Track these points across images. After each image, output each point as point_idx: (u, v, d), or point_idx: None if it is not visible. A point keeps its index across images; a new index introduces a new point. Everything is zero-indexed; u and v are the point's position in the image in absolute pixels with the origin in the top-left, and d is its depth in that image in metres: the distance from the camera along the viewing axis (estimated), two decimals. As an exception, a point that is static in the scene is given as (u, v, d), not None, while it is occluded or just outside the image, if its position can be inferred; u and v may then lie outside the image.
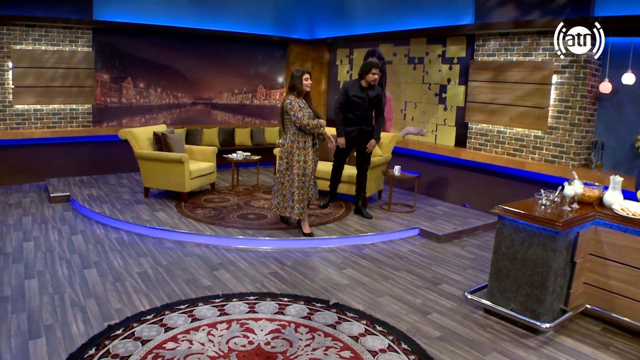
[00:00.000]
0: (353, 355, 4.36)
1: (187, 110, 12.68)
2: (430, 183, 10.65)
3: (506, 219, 5.12)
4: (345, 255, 7.04)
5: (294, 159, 7.19)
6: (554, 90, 8.60)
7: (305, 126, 7.00)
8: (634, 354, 4.74)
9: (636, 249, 4.97)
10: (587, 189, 5.53)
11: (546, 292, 4.89)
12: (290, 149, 7.19)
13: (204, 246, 7.11)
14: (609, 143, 8.41)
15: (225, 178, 11.22)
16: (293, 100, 7.05)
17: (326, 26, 13.72)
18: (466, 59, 10.16)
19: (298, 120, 6.97)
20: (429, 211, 9.29)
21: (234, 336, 4.60)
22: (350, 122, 8.40)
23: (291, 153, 7.20)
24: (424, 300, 5.67)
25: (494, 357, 4.55)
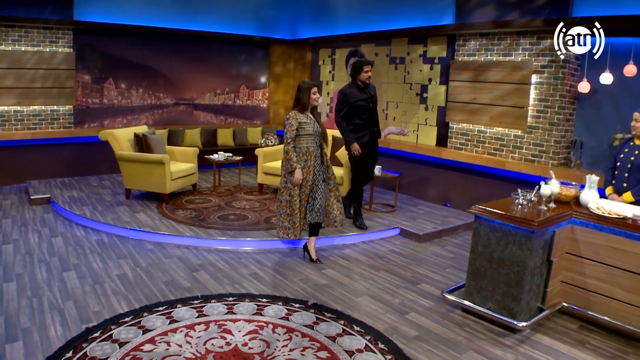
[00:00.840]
0: (330, 356, 4.38)
1: (169, 111, 12.65)
2: (412, 182, 10.69)
3: (483, 218, 5.16)
4: (325, 255, 7.05)
5: (282, 180, 6.78)
6: (534, 90, 8.66)
7: (284, 153, 6.53)
8: (609, 351, 4.80)
9: (611, 248, 5.03)
10: (563, 188, 5.57)
11: (522, 291, 4.94)
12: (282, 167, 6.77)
13: (184, 247, 7.10)
14: (588, 142, 8.48)
15: (207, 179, 11.20)
16: (292, 116, 6.51)
17: (308, 26, 13.73)
18: (447, 59, 10.20)
19: (285, 141, 6.50)
20: (410, 211, 9.33)
21: (211, 337, 4.61)
22: (360, 128, 7.95)
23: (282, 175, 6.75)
24: (402, 300, 5.70)
25: (470, 356, 4.58)
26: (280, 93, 14.39)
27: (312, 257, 6.79)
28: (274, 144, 11.64)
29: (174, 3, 12.03)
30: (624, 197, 5.76)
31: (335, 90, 13.05)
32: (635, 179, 5.73)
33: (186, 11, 12.19)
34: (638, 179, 5.71)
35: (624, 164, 5.82)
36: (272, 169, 9.71)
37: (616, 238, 4.99)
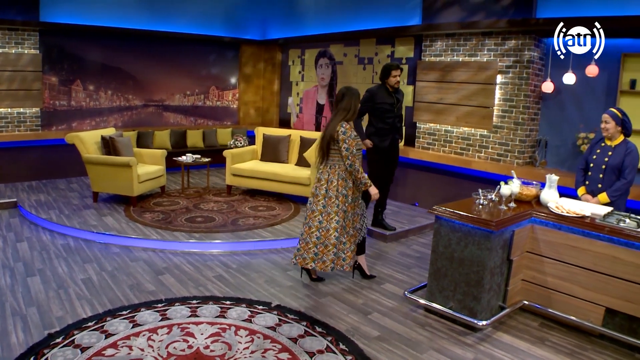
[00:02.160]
0: (291, 357, 4.41)
1: (138, 113, 12.59)
2: (380, 182, 10.74)
3: (443, 219, 5.22)
4: (291, 256, 7.03)
5: (334, 203, 5.88)
6: (499, 90, 8.76)
7: (355, 171, 5.75)
8: (569, 348, 4.89)
9: (570, 246, 5.11)
10: (524, 187, 5.66)
11: (483, 290, 5.00)
12: (331, 188, 5.88)
13: (150, 251, 7.08)
14: (553, 141, 8.60)
15: (176, 180, 11.18)
16: (349, 128, 5.74)
17: (278, 27, 13.74)
18: (414, 59, 10.28)
19: (350, 158, 5.70)
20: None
21: (174, 341, 4.61)
22: (383, 132, 7.55)
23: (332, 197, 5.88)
24: (365, 300, 5.74)
25: (431, 355, 4.64)
26: (250, 94, 14.37)
27: (368, 273, 6.37)
28: (244, 145, 11.65)
29: (142, 4, 11.97)
30: (599, 198, 5.82)
31: (306, 90, 13.10)
32: (610, 180, 5.80)
33: (155, 12, 12.15)
34: (613, 180, 5.79)
35: (598, 165, 5.88)
36: (240, 170, 9.72)
37: (574, 237, 5.08)
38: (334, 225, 5.83)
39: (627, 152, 5.68)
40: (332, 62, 12.28)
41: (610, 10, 7.48)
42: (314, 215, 5.94)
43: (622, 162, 5.68)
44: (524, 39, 8.42)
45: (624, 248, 4.78)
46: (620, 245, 4.81)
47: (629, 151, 5.68)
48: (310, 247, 5.96)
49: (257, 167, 9.73)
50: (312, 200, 6.01)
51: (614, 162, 5.72)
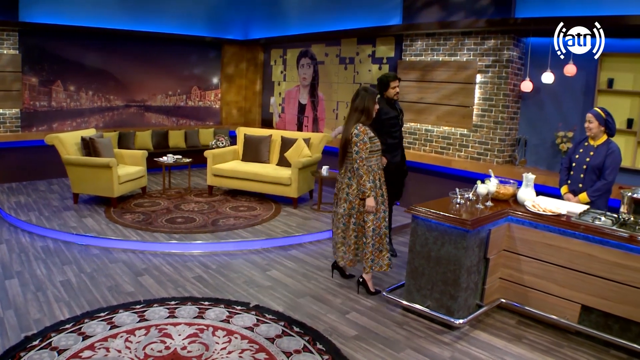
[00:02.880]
0: (268, 357, 4.42)
1: (119, 113, 12.54)
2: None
3: (420, 218, 5.25)
4: (271, 256, 7.08)
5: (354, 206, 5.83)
6: (478, 89, 8.81)
7: (359, 177, 5.63)
8: (545, 345, 4.93)
9: (546, 244, 5.16)
10: (501, 186, 5.70)
11: (459, 289, 5.03)
12: (351, 192, 5.82)
13: (130, 252, 7.06)
14: (532, 140, 8.66)
15: (158, 181, 11.13)
16: (362, 131, 5.63)
17: (260, 27, 13.74)
18: (395, 59, 10.31)
19: (358, 161, 5.61)
20: (359, 210, 9.40)
21: (151, 342, 4.60)
22: (394, 147, 6.96)
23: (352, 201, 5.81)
24: (344, 300, 5.76)
25: (407, 354, 4.66)
26: (232, 94, 14.36)
27: (372, 290, 6.01)
28: (225, 145, 11.65)
29: (123, 4, 11.92)
30: (579, 197, 5.86)
31: (287, 90, 13.11)
32: (590, 180, 5.83)
33: (137, 12, 12.11)
34: (593, 180, 5.82)
35: (580, 165, 5.91)
36: (221, 170, 9.71)
37: (551, 235, 5.13)
38: (352, 227, 5.83)
39: (609, 152, 5.70)
40: (313, 62, 12.30)
41: (587, 10, 7.55)
42: (338, 217, 5.96)
43: (603, 163, 5.71)
44: (503, 38, 8.48)
45: (599, 246, 4.83)
46: (596, 243, 4.86)
47: (610, 151, 5.71)
48: (339, 246, 5.99)
49: (238, 168, 9.73)
50: (336, 201, 6.05)
51: (595, 162, 5.76)
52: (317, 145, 9.89)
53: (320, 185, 9.43)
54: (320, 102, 12.15)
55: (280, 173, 9.27)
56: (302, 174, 9.25)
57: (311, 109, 12.45)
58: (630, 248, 4.66)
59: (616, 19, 7.05)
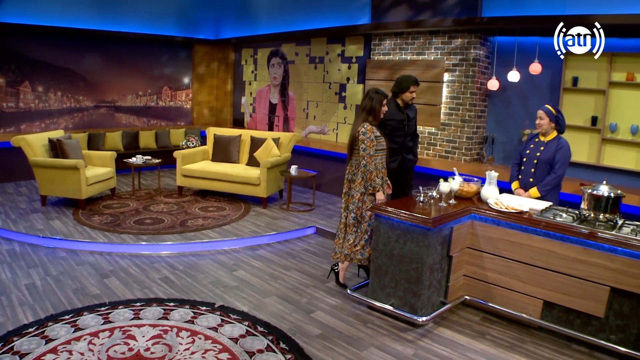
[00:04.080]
0: (231, 357, 4.42)
1: (89, 114, 12.45)
2: (331, 181, 10.80)
3: (382, 217, 5.28)
4: (238, 257, 7.08)
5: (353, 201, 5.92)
6: (446, 88, 8.88)
7: (367, 171, 5.73)
8: (508, 341, 4.99)
9: (509, 241, 5.22)
10: (465, 184, 5.75)
11: (422, 287, 5.07)
12: (353, 187, 5.92)
13: (97, 254, 7.01)
14: (499, 138, 8.75)
15: (128, 182, 11.08)
16: (369, 129, 5.74)
17: (231, 26, 13.72)
18: (364, 58, 10.36)
19: (365, 158, 5.70)
20: (328, 209, 9.45)
21: (114, 344, 4.58)
22: (392, 152, 6.66)
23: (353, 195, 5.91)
24: (309, 299, 5.78)
25: (371, 352, 4.69)
26: (204, 94, 14.32)
27: (342, 281, 6.19)
28: (196, 145, 11.63)
29: (92, 4, 11.82)
30: (530, 192, 5.95)
31: (258, 90, 13.10)
32: (541, 174, 5.94)
33: (106, 11, 12.01)
34: (544, 174, 5.92)
35: (530, 160, 6.02)
36: (191, 171, 9.69)
37: (513, 232, 5.19)
38: (352, 222, 5.89)
39: (559, 147, 5.82)
40: (284, 61, 12.31)
41: (551, 9, 7.64)
42: (343, 213, 6.03)
43: (553, 157, 5.82)
44: (470, 37, 8.56)
45: (559, 242, 4.90)
46: (556, 239, 4.93)
47: (560, 147, 5.83)
48: (336, 240, 6.11)
49: (207, 168, 9.70)
50: (342, 198, 6.09)
51: (545, 157, 5.86)
52: (286, 144, 9.90)
53: (289, 185, 9.44)
54: (290, 101, 12.16)
55: (250, 173, 9.27)
56: (271, 174, 9.25)
57: (282, 109, 12.46)
58: (589, 244, 4.73)
59: (580, 19, 7.13)
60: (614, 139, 7.56)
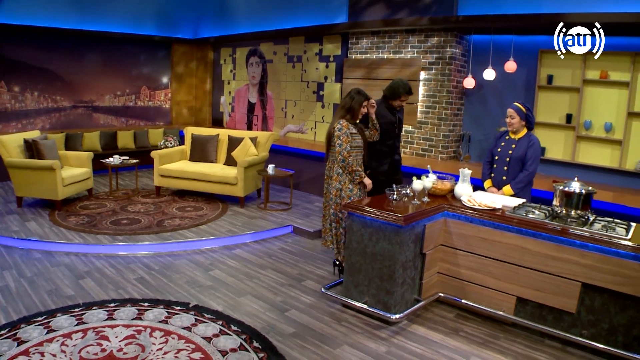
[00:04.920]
0: (203, 356, 4.42)
1: (67, 114, 12.37)
2: (310, 180, 10.81)
3: (355, 215, 5.29)
4: (214, 256, 7.07)
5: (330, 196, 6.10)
6: (422, 86, 8.92)
7: (348, 164, 5.91)
8: (481, 337, 5.02)
9: (482, 238, 5.25)
10: (439, 182, 5.77)
11: (395, 285, 5.09)
12: (336, 182, 6.05)
13: (73, 255, 6.96)
14: (476, 135, 8.80)
15: (106, 183, 11.01)
16: (345, 125, 5.91)
17: (210, 25, 13.70)
18: (341, 57, 10.38)
19: (342, 153, 5.86)
20: (306, 208, 9.46)
21: (87, 345, 4.56)
22: (383, 155, 6.65)
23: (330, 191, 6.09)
24: (284, 298, 5.78)
25: (344, 350, 4.70)
26: (183, 93, 14.28)
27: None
28: (174, 145, 11.58)
29: (70, 2, 11.75)
30: (503, 190, 6.00)
31: (237, 89, 13.09)
32: (514, 172, 5.98)
33: (84, 11, 11.95)
34: (517, 172, 5.97)
35: (502, 158, 6.06)
36: (168, 171, 9.66)
37: (485, 229, 5.22)
38: (332, 218, 6.08)
39: (530, 144, 5.88)
40: (262, 60, 12.31)
41: (527, 8, 7.70)
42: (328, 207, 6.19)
43: (525, 154, 5.87)
44: (446, 36, 8.60)
45: (531, 239, 4.94)
46: (528, 236, 4.97)
47: (531, 143, 5.89)
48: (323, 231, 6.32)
49: (185, 168, 9.67)
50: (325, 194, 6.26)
51: (517, 155, 5.90)
52: (264, 144, 9.89)
53: (267, 184, 9.44)
54: (269, 100, 12.16)
55: (227, 172, 9.25)
56: (249, 173, 9.25)
57: (260, 108, 12.46)
58: (561, 240, 4.78)
59: (554, 17, 7.21)
60: (589, 136, 7.64)
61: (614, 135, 7.46)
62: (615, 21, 6.71)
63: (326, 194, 6.18)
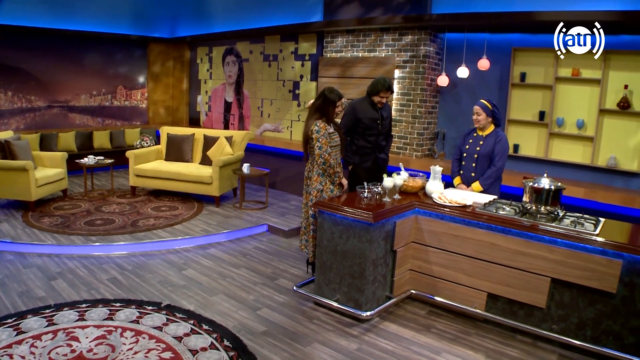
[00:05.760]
0: (174, 356, 4.41)
1: (41, 114, 12.26)
2: (286, 179, 10.81)
3: (325, 213, 5.30)
4: (189, 256, 7.05)
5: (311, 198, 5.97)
6: (397, 85, 8.94)
7: (329, 166, 5.85)
8: (453, 334, 5.06)
9: (452, 235, 5.29)
10: (410, 179, 5.80)
11: (366, 282, 5.10)
12: (309, 184, 6.02)
13: (45, 256, 6.90)
14: (450, 133, 8.85)
15: (82, 183, 10.93)
16: (322, 127, 5.81)
17: (187, 24, 13.66)
18: (317, 56, 10.39)
19: (323, 155, 5.77)
20: (282, 207, 9.46)
21: (57, 346, 4.53)
22: (365, 151, 6.68)
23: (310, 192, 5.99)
24: (257, 297, 5.78)
25: (314, 347, 4.71)
26: (159, 93, 14.22)
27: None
28: (150, 145, 11.53)
29: (44, 1, 11.63)
30: (472, 187, 6.06)
31: (214, 88, 13.06)
32: (482, 168, 6.04)
33: (58, 9, 11.85)
34: (485, 168, 6.02)
35: (471, 155, 6.12)
36: (144, 170, 9.62)
37: (456, 225, 5.26)
38: (311, 220, 5.95)
39: (497, 140, 5.94)
40: (238, 59, 12.29)
41: (500, 6, 7.75)
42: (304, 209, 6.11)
43: (492, 151, 5.92)
44: (420, 34, 8.63)
45: (501, 235, 4.99)
46: (498, 232, 5.01)
47: (498, 139, 5.95)
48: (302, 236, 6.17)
49: (160, 167, 9.64)
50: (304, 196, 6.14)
51: (485, 151, 5.96)
52: (239, 143, 9.88)
53: (242, 183, 9.43)
54: (245, 99, 12.15)
55: (202, 172, 9.24)
56: (224, 172, 9.23)
57: (237, 107, 12.44)
58: (530, 236, 4.82)
59: (527, 15, 7.27)
60: (561, 133, 7.71)
61: (586, 132, 7.52)
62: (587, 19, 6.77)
63: (306, 195, 6.09)
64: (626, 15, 6.57)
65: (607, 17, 6.63)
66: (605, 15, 6.65)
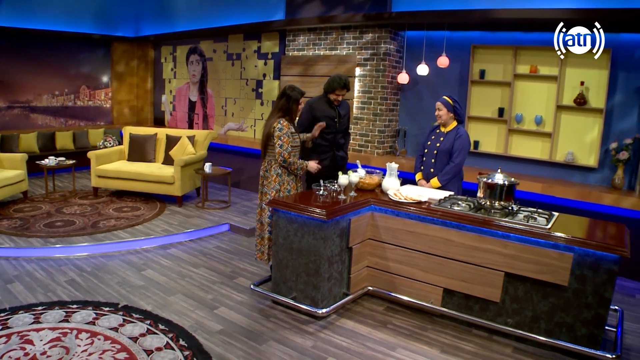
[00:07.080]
0: (128, 356, 4.39)
1: (2, 115, 12.08)
2: (250, 178, 10.81)
3: (280, 211, 5.32)
4: (149, 256, 7.02)
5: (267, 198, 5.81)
6: (358, 82, 8.99)
7: (289, 164, 5.75)
8: (409, 329, 5.12)
9: (408, 231, 5.36)
10: (367, 176, 5.85)
11: (322, 279, 5.14)
12: (266, 184, 5.90)
13: (2, 259, 6.79)
14: (412, 130, 8.92)
15: (43, 185, 10.81)
16: (285, 126, 5.73)
17: (150, 23, 13.57)
18: (279, 54, 10.40)
19: (283, 154, 5.69)
20: (245, 206, 9.47)
21: (10, 350, 4.49)
22: (322, 150, 6.61)
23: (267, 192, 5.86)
24: (215, 296, 5.78)
25: (270, 345, 4.73)
26: (124, 92, 14.11)
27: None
28: (113, 145, 11.44)
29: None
30: (431, 182, 6.13)
31: (178, 88, 13.00)
32: (441, 164, 6.11)
33: (18, 7, 11.67)
34: (444, 164, 6.08)
35: (431, 151, 6.19)
36: (105, 171, 9.55)
37: (411, 222, 5.32)
38: (267, 220, 5.82)
39: (457, 136, 6.02)
40: (202, 58, 12.26)
41: (459, 4, 7.82)
42: (262, 211, 5.92)
43: (452, 147, 5.98)
44: (380, 32, 8.68)
45: (455, 230, 5.06)
46: (452, 228, 5.08)
47: (458, 136, 6.03)
48: (265, 243, 5.93)
49: (122, 168, 9.57)
50: (259, 196, 5.99)
51: (444, 147, 6.04)
52: (202, 142, 9.86)
53: (204, 183, 9.42)
54: (209, 98, 12.12)
55: (164, 172, 9.20)
56: (186, 172, 9.20)
57: (201, 106, 12.41)
58: (484, 231, 4.90)
59: (486, 12, 7.37)
60: (520, 129, 7.82)
61: (544, 128, 7.64)
62: (544, 17, 6.88)
63: (260, 196, 5.96)
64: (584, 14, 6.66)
65: (566, 15, 6.74)
66: (564, 13, 6.76)
